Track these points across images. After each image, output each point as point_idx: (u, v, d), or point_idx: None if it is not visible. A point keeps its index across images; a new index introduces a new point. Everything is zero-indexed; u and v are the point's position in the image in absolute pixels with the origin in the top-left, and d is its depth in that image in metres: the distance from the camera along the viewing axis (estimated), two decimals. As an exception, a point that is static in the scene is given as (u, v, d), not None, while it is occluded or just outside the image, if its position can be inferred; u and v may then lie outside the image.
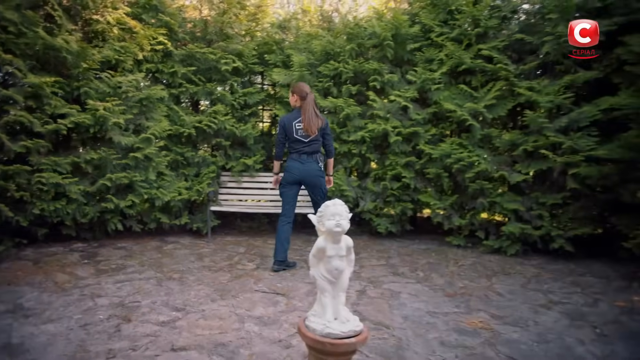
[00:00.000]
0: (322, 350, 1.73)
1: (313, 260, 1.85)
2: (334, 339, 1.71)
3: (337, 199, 1.83)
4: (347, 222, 1.78)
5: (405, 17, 5.21)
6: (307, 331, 1.76)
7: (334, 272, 1.81)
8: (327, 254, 1.80)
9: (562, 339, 2.74)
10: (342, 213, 1.78)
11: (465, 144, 4.84)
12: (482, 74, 4.92)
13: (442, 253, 4.82)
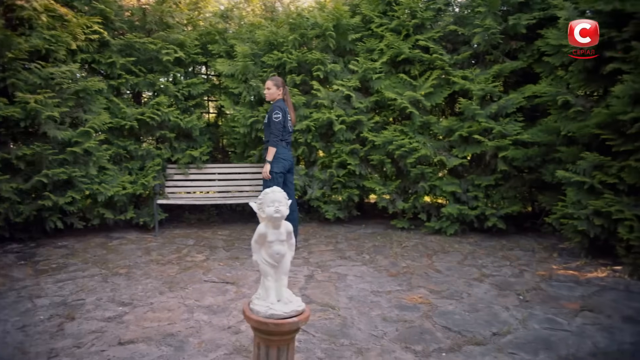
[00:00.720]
0: (266, 331, 1.82)
1: (255, 246, 1.93)
2: (277, 319, 1.80)
3: (276, 187, 1.91)
4: (286, 209, 1.87)
5: (346, 7, 5.33)
6: (251, 314, 1.84)
7: (276, 257, 1.90)
8: (268, 239, 1.88)
9: (490, 307, 3.01)
10: (281, 200, 1.86)
11: (406, 131, 5.07)
12: (420, 64, 5.15)
13: (387, 236, 5.05)
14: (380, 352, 2.41)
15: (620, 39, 3.59)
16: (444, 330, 2.68)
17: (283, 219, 1.89)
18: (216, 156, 6.63)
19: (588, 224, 3.85)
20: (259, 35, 5.46)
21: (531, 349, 2.44)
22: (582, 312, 2.92)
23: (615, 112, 3.54)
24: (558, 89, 4.26)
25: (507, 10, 4.88)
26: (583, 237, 3.96)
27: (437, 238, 4.95)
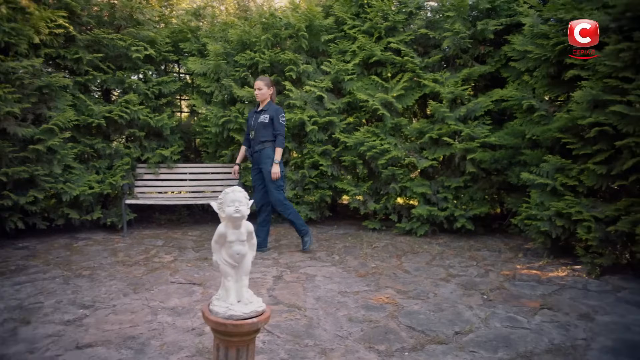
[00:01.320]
0: (225, 332, 1.80)
1: (215, 246, 1.90)
2: (236, 320, 1.79)
3: (237, 186, 1.89)
4: (246, 208, 1.85)
5: (319, 9, 5.35)
6: (210, 315, 1.82)
7: (236, 257, 1.88)
8: (228, 239, 1.87)
9: (454, 307, 3.06)
10: (241, 199, 1.85)
11: (377, 133, 5.11)
12: (391, 66, 5.21)
13: (358, 237, 5.08)
14: (344, 352, 2.41)
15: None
16: (408, 329, 2.71)
17: (243, 219, 1.88)
18: (189, 156, 6.54)
19: (550, 225, 3.96)
20: (231, 34, 5.41)
21: (491, 347, 2.49)
22: (542, 310, 3.00)
23: (575, 116, 3.66)
24: (523, 94, 4.38)
25: (476, 16, 5.00)
26: (546, 237, 4.07)
27: (407, 239, 5.00)
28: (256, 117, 4.29)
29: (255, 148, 4.30)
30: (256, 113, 4.32)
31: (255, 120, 4.29)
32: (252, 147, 4.33)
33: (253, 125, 4.29)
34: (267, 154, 4.22)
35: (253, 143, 4.32)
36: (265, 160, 4.21)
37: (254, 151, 4.32)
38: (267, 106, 4.28)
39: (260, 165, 4.29)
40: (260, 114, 4.27)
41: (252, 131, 4.29)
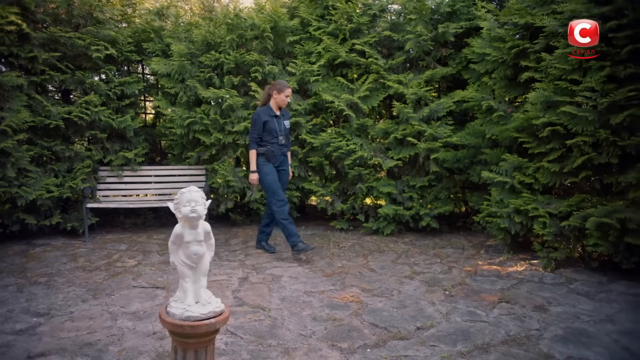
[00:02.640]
0: (182, 334, 1.78)
1: (172, 247, 1.88)
2: (193, 321, 1.77)
3: (193, 186, 1.88)
4: (202, 208, 1.84)
5: (284, 10, 5.35)
6: (166, 317, 1.79)
7: (193, 257, 1.86)
8: (185, 239, 1.85)
9: (417, 303, 3.12)
10: (197, 199, 1.83)
11: (343, 133, 5.16)
12: (357, 67, 5.27)
13: (325, 237, 5.11)
14: (306, 351, 2.43)
15: (533, 50, 3.88)
16: (371, 327, 2.74)
17: (200, 219, 1.86)
18: (154, 158, 6.41)
19: (509, 222, 4.10)
20: (196, 34, 5.35)
21: (451, 341, 2.56)
22: (500, 304, 3.10)
23: (530, 117, 3.81)
24: (483, 95, 4.53)
25: (437, 19, 5.13)
26: (505, 234, 4.21)
27: (374, 238, 5.07)
28: (278, 121, 4.31)
29: (283, 151, 4.37)
30: (276, 118, 4.30)
31: (279, 125, 4.31)
32: (279, 150, 4.32)
33: (281, 129, 4.32)
34: (287, 157, 4.49)
35: (280, 148, 4.34)
36: (287, 163, 4.49)
37: (281, 153, 4.36)
38: (282, 111, 4.40)
39: (282, 167, 4.40)
40: (281, 119, 4.34)
41: (281, 136, 4.32)
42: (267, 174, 4.26)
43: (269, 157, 4.28)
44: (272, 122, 4.26)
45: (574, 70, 3.54)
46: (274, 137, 4.28)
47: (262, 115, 4.24)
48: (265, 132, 4.25)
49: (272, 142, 4.27)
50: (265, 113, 4.27)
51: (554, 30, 3.65)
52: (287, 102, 4.34)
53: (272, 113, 4.28)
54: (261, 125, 4.24)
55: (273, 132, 4.27)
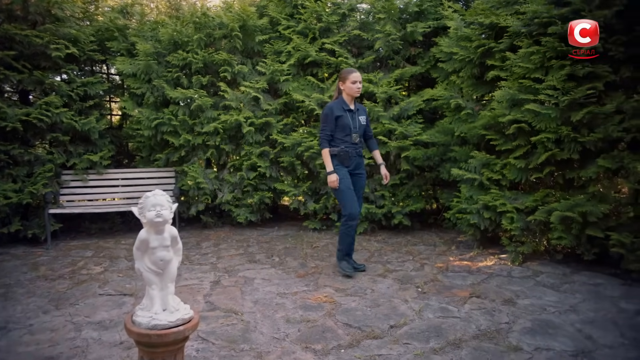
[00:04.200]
0: (149, 344, 1.72)
1: (137, 253, 1.81)
2: (160, 330, 1.71)
3: (158, 190, 1.81)
4: (168, 212, 1.78)
5: (253, 9, 5.29)
6: (132, 326, 1.72)
7: (160, 263, 1.80)
8: (150, 245, 1.78)
9: (390, 302, 3.14)
10: (163, 203, 1.77)
11: (314, 133, 5.14)
12: (327, 67, 5.26)
13: (298, 238, 5.08)
14: (280, 355, 2.39)
15: (498, 49, 3.97)
16: (345, 327, 2.74)
17: (166, 223, 1.80)
18: (121, 160, 6.21)
19: (479, 218, 4.19)
20: (162, 33, 5.21)
21: (423, 338, 2.58)
22: (471, 299, 3.16)
23: (496, 114, 3.89)
24: (451, 93, 4.60)
25: (406, 18, 5.18)
26: (475, 229, 4.29)
27: (347, 237, 5.06)
28: (352, 116, 3.65)
29: (358, 151, 3.72)
30: (349, 112, 3.65)
31: (354, 120, 3.65)
32: (353, 151, 3.67)
33: (355, 126, 3.65)
34: (362, 159, 3.81)
35: (355, 147, 3.68)
36: (363, 166, 3.82)
37: (357, 154, 3.71)
38: (358, 105, 3.77)
39: (358, 171, 3.75)
40: (355, 114, 3.68)
41: (355, 134, 3.65)
42: (341, 178, 3.59)
43: (343, 159, 3.63)
44: (345, 118, 3.61)
45: (536, 69, 3.64)
46: (347, 135, 3.62)
47: (335, 110, 3.59)
48: (337, 129, 3.61)
49: (345, 139, 3.62)
50: (338, 107, 3.61)
51: (518, 30, 3.74)
52: (359, 88, 3.60)
53: (345, 107, 3.64)
54: (333, 120, 3.58)
55: (346, 128, 3.60)
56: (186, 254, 4.42)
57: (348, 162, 3.65)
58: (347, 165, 3.65)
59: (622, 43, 3.36)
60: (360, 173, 3.78)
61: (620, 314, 2.89)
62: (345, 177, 3.63)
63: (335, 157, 3.62)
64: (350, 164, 3.68)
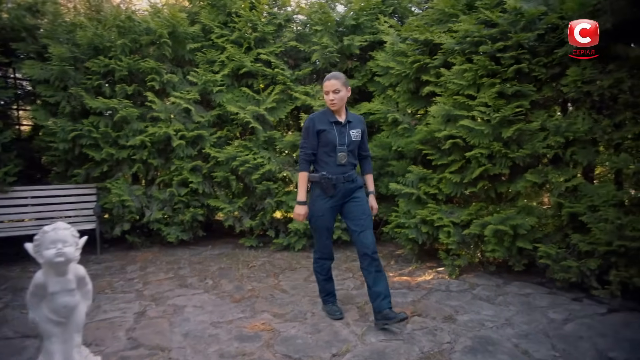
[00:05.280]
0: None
1: (32, 300, 1.51)
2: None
3: (60, 222, 1.54)
4: (73, 250, 1.51)
5: (183, 15, 4.99)
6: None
7: (62, 311, 1.52)
8: (50, 290, 1.50)
9: (332, 326, 2.99)
10: (65, 239, 1.50)
11: (250, 146, 4.92)
12: (263, 78, 5.08)
13: (234, 257, 4.81)
14: (212, 398, 2.15)
15: (433, 65, 4.03)
16: (284, 359, 2.55)
17: (70, 263, 1.53)
18: (33, 176, 5.55)
19: (417, 232, 4.20)
20: (81, 36, 4.74)
21: (367, 365, 2.46)
22: (413, 318, 3.10)
23: (432, 129, 3.94)
24: (388, 107, 4.61)
25: (342, 32, 5.15)
26: (413, 244, 4.31)
27: (285, 255, 4.89)
28: (341, 130, 2.91)
29: (345, 175, 2.92)
30: (336, 125, 2.92)
31: (342, 135, 2.91)
32: (338, 176, 2.90)
33: (343, 143, 2.90)
34: (359, 183, 3.04)
35: (341, 170, 2.91)
36: (360, 189, 3.02)
37: (345, 180, 2.92)
38: (350, 116, 3.01)
39: (351, 196, 2.98)
40: (346, 127, 2.93)
41: (343, 153, 2.89)
42: (317, 215, 2.96)
43: (325, 188, 2.90)
44: (329, 132, 2.88)
45: (469, 86, 3.73)
46: (331, 155, 2.89)
47: (317, 122, 2.90)
48: (320, 147, 2.90)
49: (329, 161, 2.90)
50: (322, 119, 2.92)
51: (451, 48, 3.82)
52: (332, 100, 2.86)
53: (331, 118, 2.92)
54: (314, 135, 2.89)
55: (329, 146, 2.89)
56: (108, 281, 3.99)
57: (332, 191, 2.90)
58: (330, 194, 2.92)
59: (543, 64, 3.54)
60: (356, 198, 2.97)
61: (550, 325, 2.97)
62: (324, 213, 2.94)
63: (317, 184, 2.92)
64: (337, 193, 2.93)
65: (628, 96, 3.23)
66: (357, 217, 2.93)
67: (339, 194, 2.93)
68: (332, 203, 2.95)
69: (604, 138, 3.36)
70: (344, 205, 2.98)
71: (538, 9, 3.40)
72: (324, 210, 2.94)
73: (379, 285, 2.88)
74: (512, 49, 3.52)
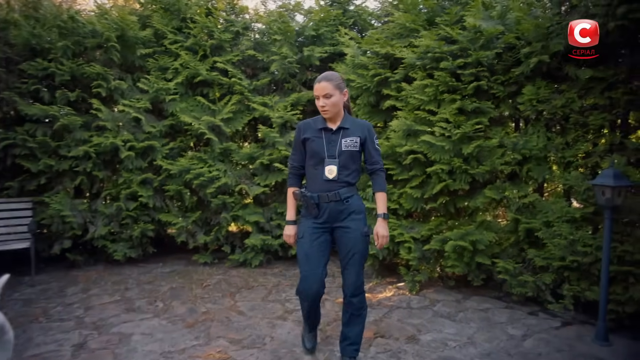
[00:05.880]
0: None
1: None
2: None
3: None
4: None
5: (134, 18, 4.69)
6: None
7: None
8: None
9: (292, 352, 2.84)
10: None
11: (205, 159, 4.69)
12: (219, 87, 4.87)
13: (187, 275, 4.54)
14: None
15: (394, 79, 4.02)
16: (242, 391, 2.37)
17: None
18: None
19: (377, 247, 4.13)
20: (15, 36, 4.34)
21: (330, 396, 2.33)
22: (376, 340, 3.01)
23: (394, 144, 3.91)
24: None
25: (302, 42, 5.05)
26: (374, 259, 4.24)
27: (241, 271, 4.67)
28: (330, 138, 2.46)
29: (330, 193, 2.42)
30: (326, 132, 2.47)
31: (331, 144, 2.45)
32: (321, 194, 2.43)
33: (333, 154, 2.43)
34: (356, 205, 2.50)
35: (327, 187, 2.42)
36: (356, 216, 2.48)
37: (330, 199, 2.42)
38: (348, 121, 2.50)
39: (342, 223, 2.48)
40: (338, 135, 2.45)
41: (332, 165, 2.41)
42: (298, 236, 2.53)
43: (307, 207, 2.46)
44: (316, 141, 2.46)
45: (430, 102, 3.73)
46: (318, 167, 2.44)
47: (304, 129, 2.52)
48: (308, 157, 2.49)
49: (316, 175, 2.45)
50: (310, 126, 2.51)
51: (412, 63, 3.82)
52: (322, 107, 2.40)
53: (320, 125, 2.48)
54: (300, 145, 2.53)
55: (316, 157, 2.45)
56: (43, 307, 3.61)
57: (314, 211, 2.44)
58: (313, 215, 2.46)
59: (501, 82, 3.61)
60: (346, 228, 2.46)
61: (510, 342, 2.99)
62: (304, 235, 2.48)
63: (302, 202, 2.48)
64: (322, 214, 2.45)
65: (578, 116, 3.35)
66: (341, 251, 2.52)
67: (324, 215, 2.45)
68: (316, 225, 2.46)
69: (557, 156, 3.46)
70: (335, 231, 2.51)
71: (496, 29, 3.46)
72: (305, 231, 2.48)
73: (351, 329, 2.56)
74: (472, 66, 3.56)
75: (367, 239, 2.53)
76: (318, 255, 2.46)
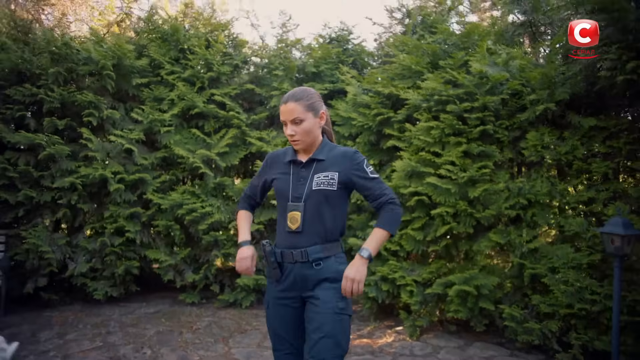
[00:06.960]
0: None
1: None
2: None
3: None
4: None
5: (130, 46, 4.58)
6: None
7: None
8: None
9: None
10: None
11: (197, 193, 4.51)
12: (215, 120, 4.75)
13: (174, 316, 4.25)
14: None
15: (397, 119, 4.01)
16: None
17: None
18: None
19: (377, 290, 4.00)
20: (1, 59, 4.14)
21: None
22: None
23: (397, 185, 3.85)
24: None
25: (302, 78, 5.04)
26: (373, 302, 4.10)
27: (232, 313, 4.42)
28: (299, 174, 1.88)
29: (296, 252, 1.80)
30: (295, 166, 1.90)
31: (299, 183, 1.86)
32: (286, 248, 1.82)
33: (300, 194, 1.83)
34: (333, 270, 1.80)
35: (291, 240, 1.82)
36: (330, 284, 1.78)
37: (296, 259, 1.80)
38: (324, 151, 1.88)
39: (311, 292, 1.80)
40: (309, 169, 1.86)
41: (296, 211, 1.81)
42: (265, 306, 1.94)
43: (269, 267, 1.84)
44: (281, 179, 1.91)
45: (435, 143, 3.72)
46: (282, 214, 1.87)
47: (270, 164, 2.00)
48: (277, 198, 1.92)
49: (280, 224, 1.88)
50: (278, 158, 1.97)
51: (417, 104, 3.83)
52: (290, 136, 1.83)
53: (289, 157, 1.92)
54: (260, 177, 2.02)
55: (282, 198, 1.89)
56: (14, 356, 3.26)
57: (275, 274, 1.83)
58: (275, 278, 1.84)
59: (506, 127, 3.65)
60: (314, 298, 1.78)
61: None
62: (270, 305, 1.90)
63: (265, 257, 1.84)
64: (285, 279, 1.83)
65: (582, 163, 3.40)
66: (307, 330, 1.78)
67: (289, 279, 1.82)
68: (281, 294, 1.84)
69: (561, 201, 3.47)
70: (305, 303, 1.84)
71: (502, 75, 3.52)
72: (269, 301, 1.90)
73: None
74: (478, 110, 3.59)
75: (345, 319, 1.78)
76: (288, 336, 1.85)
